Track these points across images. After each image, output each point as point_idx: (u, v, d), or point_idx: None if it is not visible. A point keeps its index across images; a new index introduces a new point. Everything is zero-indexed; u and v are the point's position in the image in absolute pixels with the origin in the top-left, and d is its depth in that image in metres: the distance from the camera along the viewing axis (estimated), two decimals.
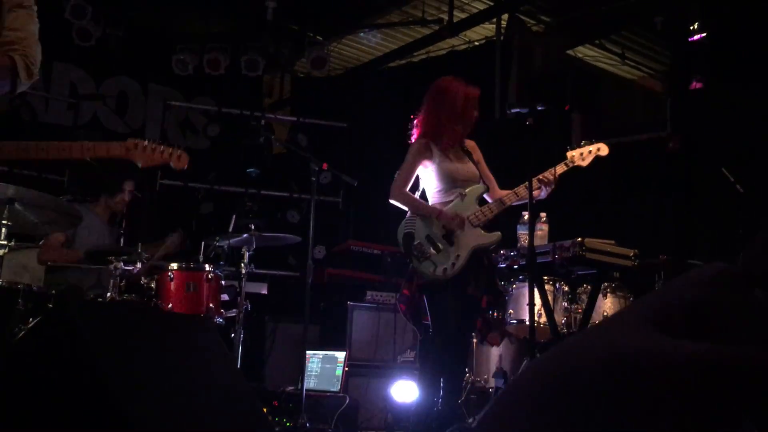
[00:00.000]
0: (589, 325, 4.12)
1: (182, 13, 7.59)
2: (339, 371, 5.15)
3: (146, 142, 2.38)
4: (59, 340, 2.30)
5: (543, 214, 4.26)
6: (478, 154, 3.86)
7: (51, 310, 3.59)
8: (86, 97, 7.67)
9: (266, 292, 5.78)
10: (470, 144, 3.87)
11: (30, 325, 3.52)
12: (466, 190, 3.70)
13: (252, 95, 8.44)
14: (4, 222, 3.65)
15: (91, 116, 7.90)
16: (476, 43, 7.51)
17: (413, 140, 3.81)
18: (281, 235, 5.08)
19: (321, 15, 7.46)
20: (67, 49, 7.30)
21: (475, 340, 4.62)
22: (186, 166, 2.48)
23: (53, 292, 3.87)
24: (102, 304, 3.85)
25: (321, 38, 7.77)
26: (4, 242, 3.74)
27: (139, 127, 8.16)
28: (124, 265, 4.03)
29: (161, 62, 7.68)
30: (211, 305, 4.22)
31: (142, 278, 4.18)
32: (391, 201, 3.76)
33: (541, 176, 3.69)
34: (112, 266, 3.99)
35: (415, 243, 3.61)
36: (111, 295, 3.93)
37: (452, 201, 3.70)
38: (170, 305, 4.13)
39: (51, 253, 4.56)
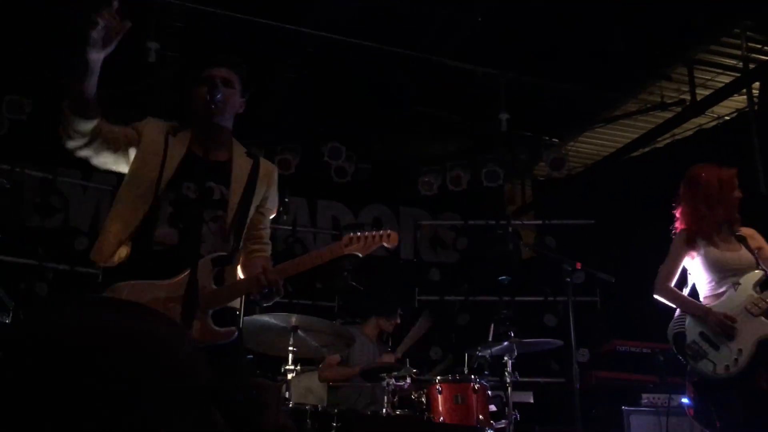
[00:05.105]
0: None
1: (423, 140, 8.16)
2: None
3: (358, 234, 2.62)
4: None
5: None
6: (758, 241, 3.58)
7: (337, 428, 3.86)
8: (347, 227, 8.44)
9: (532, 401, 5.65)
10: (747, 231, 3.61)
11: None
12: (741, 279, 3.41)
13: (495, 205, 8.67)
14: (291, 348, 4.07)
15: None
16: (726, 118, 7.03)
17: (676, 232, 3.68)
18: (541, 340, 5.01)
19: (554, 118, 7.54)
20: (328, 187, 8.18)
21: None
22: (396, 243, 2.68)
23: (336, 411, 4.17)
24: (379, 418, 4.05)
25: (557, 140, 7.82)
26: (291, 366, 4.16)
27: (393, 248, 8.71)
28: (396, 381, 4.23)
29: (408, 186, 8.25)
30: (480, 416, 4.23)
31: (413, 393, 4.34)
32: (655, 296, 3.63)
33: None
34: (384, 383, 4.22)
35: (688, 342, 3.37)
36: (386, 410, 4.13)
37: (725, 293, 3.43)
38: (441, 418, 4.21)
39: (330, 371, 4.94)
